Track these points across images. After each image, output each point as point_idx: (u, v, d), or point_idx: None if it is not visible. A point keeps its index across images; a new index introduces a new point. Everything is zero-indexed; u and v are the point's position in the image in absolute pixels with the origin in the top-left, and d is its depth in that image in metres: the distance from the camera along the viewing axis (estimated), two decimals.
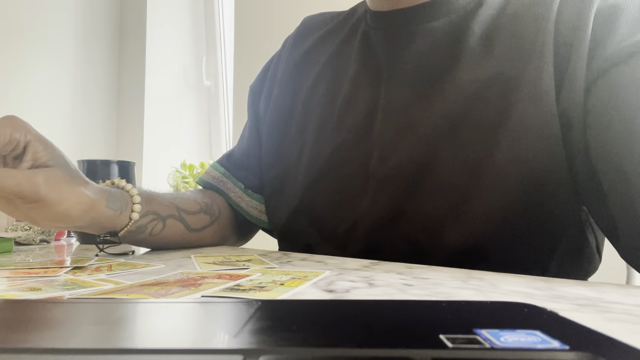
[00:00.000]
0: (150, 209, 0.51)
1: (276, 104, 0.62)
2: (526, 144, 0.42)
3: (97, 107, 1.86)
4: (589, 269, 0.49)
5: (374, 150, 0.50)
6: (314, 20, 0.65)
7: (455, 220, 0.44)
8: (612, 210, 0.39)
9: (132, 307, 0.20)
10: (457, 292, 0.28)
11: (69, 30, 1.77)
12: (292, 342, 0.14)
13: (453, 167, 0.45)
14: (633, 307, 0.23)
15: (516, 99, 0.43)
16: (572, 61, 0.41)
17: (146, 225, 0.51)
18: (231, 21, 1.80)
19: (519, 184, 0.42)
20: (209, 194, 0.64)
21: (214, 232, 0.60)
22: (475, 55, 0.46)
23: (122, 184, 0.50)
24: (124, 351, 0.14)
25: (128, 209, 0.48)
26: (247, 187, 0.64)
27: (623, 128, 0.37)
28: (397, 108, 0.49)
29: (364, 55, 0.54)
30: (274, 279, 0.31)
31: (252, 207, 0.64)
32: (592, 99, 0.40)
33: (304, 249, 0.55)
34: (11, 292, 0.28)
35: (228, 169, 0.66)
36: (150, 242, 0.53)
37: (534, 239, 0.43)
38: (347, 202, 0.51)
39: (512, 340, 0.14)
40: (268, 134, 0.63)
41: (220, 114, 1.95)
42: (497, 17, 0.47)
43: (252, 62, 1.57)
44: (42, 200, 0.39)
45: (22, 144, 0.40)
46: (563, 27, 0.43)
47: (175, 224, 0.54)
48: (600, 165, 0.39)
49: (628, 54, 0.38)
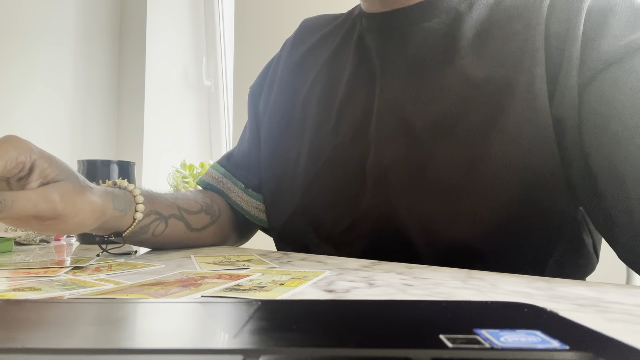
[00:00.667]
0: (153, 208, 0.51)
1: (275, 106, 0.63)
2: (520, 146, 0.42)
3: (97, 107, 1.86)
4: (586, 269, 0.49)
5: (370, 150, 0.50)
6: (312, 22, 0.66)
7: (450, 220, 0.44)
8: (609, 212, 0.39)
9: (132, 307, 0.20)
10: (457, 292, 0.28)
11: (69, 30, 1.77)
12: (292, 342, 0.14)
13: (448, 167, 0.45)
14: (633, 307, 0.23)
15: (510, 100, 0.43)
16: (564, 62, 0.41)
17: (149, 225, 0.51)
18: (231, 21, 1.80)
19: (514, 185, 0.42)
20: (209, 194, 0.64)
21: (215, 231, 0.61)
22: (468, 56, 0.46)
23: (124, 184, 0.50)
24: (124, 351, 0.14)
25: (132, 209, 0.48)
26: (248, 186, 0.64)
27: (618, 129, 0.37)
28: (392, 109, 0.49)
29: (359, 57, 0.55)
30: (274, 279, 0.31)
31: (252, 207, 0.64)
32: (586, 101, 0.40)
33: (301, 249, 0.55)
34: (11, 292, 0.28)
35: (228, 170, 0.66)
36: (152, 242, 0.53)
37: (530, 240, 0.43)
38: (344, 202, 0.51)
39: (512, 340, 0.14)
40: (266, 136, 0.63)
41: (220, 114, 1.95)
42: (489, 18, 0.47)
43: (252, 62, 1.57)
44: (60, 217, 0.40)
45: (28, 165, 0.40)
46: (553, 29, 0.43)
47: (177, 223, 0.55)
48: (596, 167, 0.39)
49: (621, 55, 0.38)
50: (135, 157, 1.78)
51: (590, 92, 0.40)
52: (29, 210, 0.37)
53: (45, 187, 0.39)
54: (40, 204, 0.38)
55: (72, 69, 1.78)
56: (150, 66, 1.84)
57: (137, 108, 1.83)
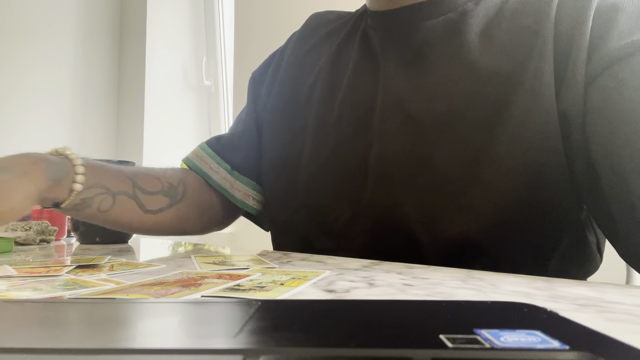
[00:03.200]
0: (98, 181, 0.48)
1: (277, 100, 0.62)
2: (525, 141, 0.42)
3: (97, 107, 1.86)
4: (589, 267, 0.49)
5: (373, 144, 0.50)
6: (320, 17, 0.66)
7: (454, 214, 0.44)
8: (611, 210, 0.39)
9: (132, 307, 0.20)
10: (457, 292, 0.28)
11: (69, 30, 1.77)
12: (292, 342, 0.14)
13: (451, 161, 0.45)
14: (633, 307, 0.23)
15: (516, 95, 0.43)
16: (571, 59, 0.41)
17: (92, 199, 0.48)
18: (231, 21, 1.80)
19: (518, 180, 0.42)
20: (184, 175, 0.61)
21: (172, 215, 0.57)
22: (474, 51, 0.46)
23: (66, 152, 0.47)
24: (124, 351, 0.14)
25: (69, 179, 0.45)
26: (234, 168, 0.62)
27: (623, 127, 0.37)
28: (395, 104, 0.49)
29: (362, 53, 0.55)
30: (274, 279, 0.31)
31: (237, 190, 0.61)
32: (591, 97, 0.40)
33: (302, 242, 0.55)
34: (11, 292, 0.28)
35: (215, 150, 0.64)
36: (100, 219, 0.50)
37: (534, 236, 0.43)
38: (346, 196, 0.51)
39: (512, 340, 0.14)
40: (268, 131, 0.62)
41: (220, 114, 1.95)
42: (496, 14, 0.47)
43: (252, 62, 1.56)
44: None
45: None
46: (562, 25, 0.43)
47: (127, 201, 0.51)
48: (600, 164, 0.39)
49: (628, 52, 0.38)
50: (135, 157, 1.78)
51: (594, 89, 0.40)
52: None
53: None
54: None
55: (73, 69, 1.78)
56: (150, 66, 1.84)
57: (137, 108, 1.83)
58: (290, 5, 1.49)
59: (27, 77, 1.63)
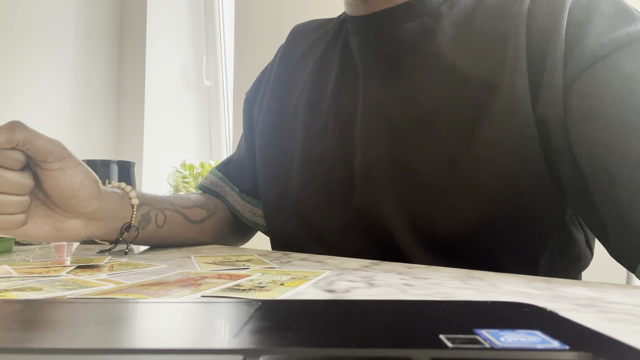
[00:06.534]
0: (143, 200, 0.52)
1: (267, 113, 0.64)
2: (502, 146, 0.42)
3: (97, 107, 1.86)
4: (580, 263, 0.49)
5: (357, 151, 0.50)
6: (302, 28, 0.66)
7: (437, 219, 0.44)
8: (600, 213, 0.38)
9: (132, 307, 0.20)
10: (457, 292, 0.28)
11: (69, 30, 1.77)
12: (292, 342, 0.14)
13: (430, 166, 0.45)
14: (633, 307, 0.23)
15: (492, 100, 0.43)
16: (548, 62, 0.40)
17: (148, 213, 0.52)
18: (231, 21, 1.80)
19: (497, 185, 0.42)
20: (206, 196, 0.66)
21: (214, 225, 0.62)
22: (449, 56, 0.46)
23: (116, 184, 0.52)
24: (124, 351, 0.14)
25: (126, 196, 0.50)
26: (242, 190, 0.66)
27: (603, 129, 0.37)
28: (374, 109, 0.50)
29: (343, 60, 0.55)
30: (274, 279, 0.31)
31: (247, 210, 0.66)
32: (570, 100, 0.39)
33: (296, 251, 0.56)
34: (11, 292, 0.28)
35: (225, 174, 0.68)
36: (159, 235, 0.54)
37: (519, 239, 0.43)
38: (335, 203, 0.52)
39: (512, 340, 0.14)
40: (260, 142, 0.64)
41: (220, 114, 1.95)
42: (470, 15, 0.47)
43: (252, 62, 1.57)
44: (68, 158, 0.42)
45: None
46: (535, 27, 0.42)
47: (174, 215, 0.55)
48: (586, 167, 0.38)
49: (605, 52, 0.38)
50: (135, 157, 1.78)
51: (574, 91, 0.39)
52: (44, 145, 0.40)
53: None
54: (52, 143, 0.41)
55: (73, 69, 1.78)
56: (150, 66, 1.84)
57: (137, 108, 1.83)
58: (290, 5, 1.49)
59: (27, 76, 1.62)
